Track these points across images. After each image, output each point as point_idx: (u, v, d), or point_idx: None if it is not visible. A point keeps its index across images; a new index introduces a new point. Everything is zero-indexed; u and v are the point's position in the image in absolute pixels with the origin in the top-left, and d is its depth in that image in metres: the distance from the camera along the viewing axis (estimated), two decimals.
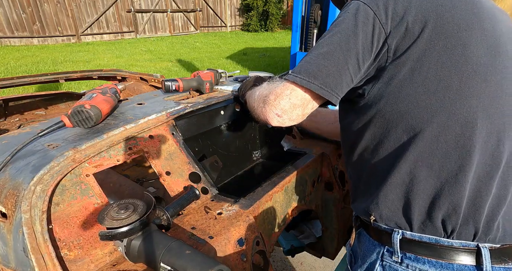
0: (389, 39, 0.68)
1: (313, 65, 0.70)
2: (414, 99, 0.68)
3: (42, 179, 0.71)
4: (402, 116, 0.70)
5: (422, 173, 0.71)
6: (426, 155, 0.70)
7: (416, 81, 0.68)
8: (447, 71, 0.66)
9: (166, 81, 1.25)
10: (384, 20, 0.68)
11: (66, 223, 0.71)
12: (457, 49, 0.66)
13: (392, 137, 0.73)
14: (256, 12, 14.67)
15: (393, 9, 0.68)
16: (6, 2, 8.68)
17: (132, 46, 10.12)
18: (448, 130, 0.67)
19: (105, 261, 0.73)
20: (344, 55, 0.69)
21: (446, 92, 0.66)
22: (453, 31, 0.66)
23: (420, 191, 0.71)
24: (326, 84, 0.69)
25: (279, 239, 1.53)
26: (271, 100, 0.76)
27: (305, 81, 0.70)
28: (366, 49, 0.69)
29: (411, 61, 0.67)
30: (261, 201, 0.97)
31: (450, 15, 0.67)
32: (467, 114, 0.66)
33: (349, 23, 0.69)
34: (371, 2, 0.69)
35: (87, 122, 0.90)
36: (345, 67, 0.69)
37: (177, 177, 0.94)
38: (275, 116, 0.76)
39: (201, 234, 0.80)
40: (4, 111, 1.86)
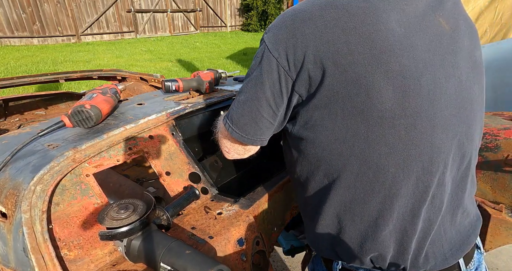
0: (296, 86, 0.67)
1: (235, 113, 0.74)
2: (327, 146, 0.68)
3: (42, 179, 0.71)
4: (320, 161, 0.70)
5: (346, 217, 0.71)
6: (347, 200, 0.70)
7: (327, 128, 0.66)
8: (353, 119, 0.63)
9: (166, 81, 1.25)
10: (287, 68, 0.66)
11: (66, 223, 0.71)
12: (360, 96, 0.62)
13: (316, 179, 0.74)
14: (256, 12, 14.67)
15: (293, 56, 0.64)
16: (6, 2, 8.68)
17: (132, 46, 10.11)
18: (362, 176, 0.67)
19: (105, 261, 0.73)
20: (256, 104, 0.70)
21: (355, 141, 0.64)
22: (353, 78, 0.61)
23: (347, 234, 0.73)
24: (246, 132, 0.73)
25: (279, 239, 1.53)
26: (218, 138, 0.85)
27: (230, 129, 0.75)
28: (277, 95, 0.69)
29: (320, 108, 0.66)
30: (261, 201, 0.97)
31: (347, 62, 0.61)
32: (377, 160, 0.65)
33: (257, 70, 0.69)
34: (273, 48, 0.66)
35: (87, 122, 0.90)
36: (259, 115, 0.71)
37: (177, 177, 0.94)
38: (225, 153, 0.85)
39: (201, 234, 0.80)
40: (4, 111, 1.86)
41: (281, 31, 0.65)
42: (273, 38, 0.66)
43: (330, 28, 0.61)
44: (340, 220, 0.73)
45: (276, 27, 0.67)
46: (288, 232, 1.60)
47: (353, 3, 0.62)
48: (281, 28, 0.65)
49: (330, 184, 0.71)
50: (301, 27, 0.63)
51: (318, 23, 0.62)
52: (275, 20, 0.69)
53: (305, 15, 0.64)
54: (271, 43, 0.66)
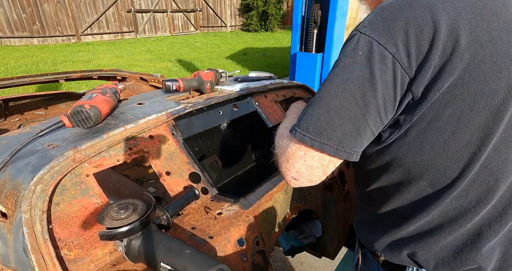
0: (413, 84, 0.56)
1: (324, 122, 0.58)
2: (443, 151, 0.59)
3: (42, 179, 0.71)
4: (427, 168, 0.62)
5: (445, 226, 0.65)
6: (451, 209, 0.63)
7: (445, 131, 0.58)
8: (483, 120, 0.56)
9: (167, 81, 1.25)
10: (406, 64, 0.55)
11: (66, 223, 0.71)
12: (498, 93, 0.55)
13: (414, 188, 0.65)
14: (256, 12, 14.67)
15: (416, 48, 0.54)
16: (6, 2, 8.68)
17: (132, 46, 10.11)
18: (480, 184, 0.61)
19: (105, 261, 0.73)
20: (362, 110, 0.57)
21: (481, 144, 0.58)
22: (492, 71, 0.54)
23: (441, 243, 0.66)
24: (343, 144, 0.58)
25: (279, 239, 1.53)
26: (284, 162, 0.63)
27: (317, 142, 0.58)
28: (389, 100, 0.57)
29: (438, 107, 0.57)
30: (261, 201, 0.97)
31: (486, 52, 0.53)
32: (502, 166, 0.60)
33: (362, 70, 0.56)
34: (388, 41, 0.55)
35: (86, 122, 0.90)
36: (364, 124, 0.58)
37: (177, 177, 0.94)
38: (291, 180, 0.64)
39: (201, 234, 0.80)
40: (4, 111, 1.86)
41: (396, 21, 0.55)
42: (385, 31, 0.55)
43: (465, 12, 0.53)
44: (436, 228, 0.66)
45: (385, 18, 0.56)
46: (288, 232, 1.60)
47: None
48: (396, 17, 0.55)
49: (436, 194, 0.63)
50: (425, 13, 0.54)
51: (447, 8, 0.54)
52: (377, 13, 0.58)
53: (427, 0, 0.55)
54: (383, 36, 0.55)
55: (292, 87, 1.61)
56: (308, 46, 3.59)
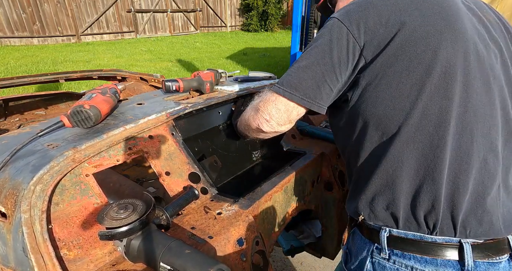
0: (364, 51, 0.74)
1: (294, 77, 0.78)
2: (390, 103, 0.73)
3: (42, 179, 0.71)
4: (380, 119, 0.75)
5: (402, 173, 0.74)
6: (404, 155, 0.73)
7: (391, 86, 0.72)
8: (418, 75, 0.70)
9: (167, 81, 1.25)
10: (357, 35, 0.74)
11: (66, 223, 0.71)
12: (427, 54, 0.70)
13: (373, 139, 0.77)
14: (256, 12, 14.67)
15: (365, 23, 0.73)
16: (6, 2, 8.68)
17: (132, 46, 10.11)
18: (422, 130, 0.71)
19: (105, 261, 0.73)
20: (321, 68, 0.76)
21: (418, 95, 0.70)
22: (422, 37, 0.70)
23: (402, 190, 0.74)
24: (306, 95, 0.77)
25: (279, 239, 1.53)
26: (260, 107, 0.85)
27: (287, 92, 0.78)
28: (343, 62, 0.75)
29: (385, 67, 0.72)
30: (261, 201, 0.97)
31: (418, 23, 0.71)
32: (439, 114, 0.70)
33: (325, 38, 0.76)
34: (345, 18, 0.75)
35: (86, 122, 0.90)
36: (322, 79, 0.76)
37: (177, 177, 0.94)
38: (264, 121, 0.85)
39: (201, 234, 0.80)
40: (4, 111, 1.86)
41: (352, 7, 0.77)
42: (344, 13, 0.77)
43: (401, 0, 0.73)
44: (396, 176, 0.74)
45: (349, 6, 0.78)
46: (288, 232, 1.60)
47: None
48: (352, 6, 0.77)
49: (388, 141, 0.74)
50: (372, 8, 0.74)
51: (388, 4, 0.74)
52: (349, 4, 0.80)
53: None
54: (342, 16, 0.76)
55: None
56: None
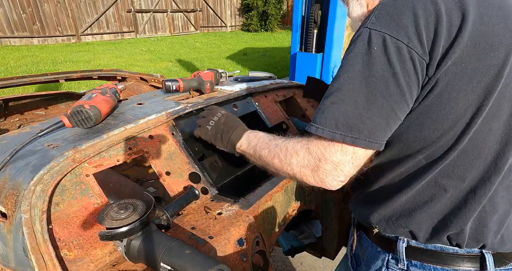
0: (429, 69, 0.61)
1: (353, 118, 0.61)
2: (441, 126, 0.64)
3: (42, 179, 0.71)
4: (426, 143, 0.66)
5: (435, 195, 0.69)
6: (441, 178, 0.68)
7: (445, 107, 0.62)
8: (475, 96, 0.61)
9: (167, 81, 1.25)
10: (421, 51, 0.59)
11: (66, 223, 0.71)
12: (490, 71, 0.60)
13: (410, 162, 0.69)
14: (256, 12, 14.67)
15: (426, 35, 0.59)
16: (6, 2, 8.68)
17: (132, 46, 10.11)
18: (466, 154, 0.65)
19: (105, 261, 0.73)
20: (388, 101, 0.60)
21: (473, 119, 0.62)
22: (486, 50, 0.60)
23: (431, 213, 0.70)
24: (373, 135, 0.62)
25: (279, 239, 1.53)
26: (329, 170, 0.64)
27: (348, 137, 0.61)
28: (413, 86, 0.61)
29: (442, 85, 0.61)
30: (261, 201, 0.97)
31: (480, 33, 0.59)
32: (486, 137, 0.64)
33: (381, 63, 0.60)
34: (399, 33, 0.59)
35: (86, 122, 0.90)
36: (392, 114, 0.62)
37: (177, 177, 0.94)
38: (339, 183, 0.67)
39: (201, 234, 0.80)
40: (4, 111, 1.86)
41: (402, 14, 0.60)
42: (394, 24, 0.60)
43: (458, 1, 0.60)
44: (428, 195, 0.70)
45: (390, 13, 0.61)
46: (288, 232, 1.60)
47: None
48: (401, 11, 0.60)
49: (428, 165, 0.68)
50: (426, 4, 0.59)
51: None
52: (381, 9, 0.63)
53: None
54: (394, 29, 0.60)
55: (292, 87, 1.61)
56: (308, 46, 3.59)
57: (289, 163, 0.71)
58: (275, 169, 0.76)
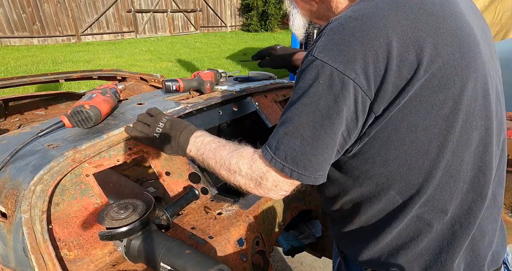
0: (374, 105, 0.59)
1: (299, 153, 0.61)
2: (405, 162, 0.63)
3: (42, 179, 0.71)
4: (394, 178, 0.65)
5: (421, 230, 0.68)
6: (423, 213, 0.66)
7: (404, 142, 0.61)
8: (437, 129, 0.60)
9: (167, 81, 1.25)
10: (366, 87, 0.57)
11: (66, 223, 0.71)
12: (447, 104, 0.59)
13: (384, 198, 0.68)
14: (256, 12, 14.67)
15: (374, 71, 0.56)
16: (6, 2, 8.67)
17: (132, 46, 10.11)
18: (443, 187, 0.64)
19: (105, 261, 0.73)
20: (333, 139, 0.60)
21: (440, 153, 0.61)
22: (441, 84, 0.58)
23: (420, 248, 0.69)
24: (318, 172, 0.63)
25: (279, 239, 1.53)
26: (269, 186, 0.67)
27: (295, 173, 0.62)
28: (351, 121, 0.60)
29: (396, 121, 0.60)
30: (261, 201, 0.97)
31: (436, 66, 0.57)
32: (459, 167, 0.63)
33: (327, 99, 0.58)
34: (346, 67, 0.56)
35: (86, 122, 0.90)
36: (334, 149, 0.62)
37: (177, 178, 0.94)
38: (281, 195, 0.70)
39: (201, 234, 0.80)
40: (4, 111, 1.86)
41: (350, 45, 0.56)
42: (341, 56, 0.57)
43: (411, 31, 0.56)
44: (413, 234, 0.68)
45: (338, 42, 0.57)
46: (288, 232, 1.60)
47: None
48: (349, 42, 0.56)
49: (405, 202, 0.66)
50: (376, 35, 0.56)
51: (395, 27, 0.56)
52: (329, 36, 0.59)
53: (375, 20, 0.57)
54: (341, 62, 0.57)
55: (292, 87, 1.61)
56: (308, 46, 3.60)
57: (234, 176, 0.73)
58: (223, 179, 0.77)
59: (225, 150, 0.76)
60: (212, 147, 0.79)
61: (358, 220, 0.75)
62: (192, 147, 0.83)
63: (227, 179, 0.76)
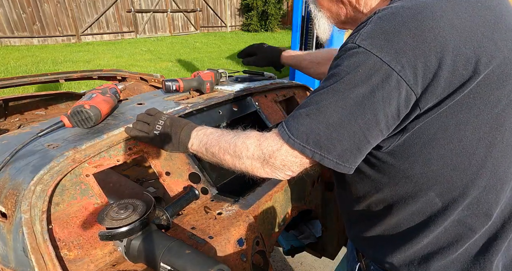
0: (421, 101, 0.54)
1: (324, 137, 0.58)
2: (450, 161, 0.59)
3: (42, 179, 0.71)
4: (436, 179, 0.61)
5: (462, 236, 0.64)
6: (465, 217, 0.63)
7: (451, 140, 0.57)
8: (488, 127, 0.56)
9: (167, 81, 1.25)
10: (412, 81, 0.53)
11: (66, 223, 0.71)
12: (501, 102, 0.55)
13: (421, 200, 0.64)
14: (256, 12, 14.66)
15: (424, 65, 0.52)
16: (6, 2, 8.67)
17: (132, 46, 10.11)
18: (490, 190, 0.61)
19: (105, 261, 0.73)
20: (362, 128, 0.56)
21: (488, 151, 0.58)
22: (499, 80, 0.55)
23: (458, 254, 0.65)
24: (343, 159, 0.59)
25: (279, 239, 1.53)
26: (277, 165, 0.65)
27: (317, 154, 0.59)
28: (391, 116, 0.56)
29: (444, 118, 0.56)
30: (261, 201, 0.97)
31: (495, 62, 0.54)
32: (507, 169, 0.61)
33: (363, 88, 0.54)
34: (392, 58, 0.52)
35: (86, 122, 0.90)
36: (364, 141, 0.58)
37: (177, 178, 0.94)
38: (286, 176, 0.68)
39: (201, 234, 0.80)
40: (4, 111, 1.86)
41: (400, 35, 0.52)
42: (389, 46, 0.53)
43: (470, 25, 0.53)
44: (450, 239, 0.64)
45: (387, 31, 0.53)
46: (288, 232, 1.60)
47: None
48: (400, 31, 0.53)
49: (445, 205, 0.62)
50: (431, 27, 0.52)
51: (453, 20, 0.53)
52: (377, 23, 0.55)
53: (431, 11, 0.53)
54: (387, 53, 0.53)
55: (292, 87, 1.61)
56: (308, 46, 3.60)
57: (239, 157, 0.70)
58: (228, 165, 0.75)
59: (230, 135, 0.74)
60: (216, 136, 0.78)
61: (388, 222, 0.70)
62: (195, 141, 0.82)
63: (232, 165, 0.73)
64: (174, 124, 0.85)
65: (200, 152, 0.82)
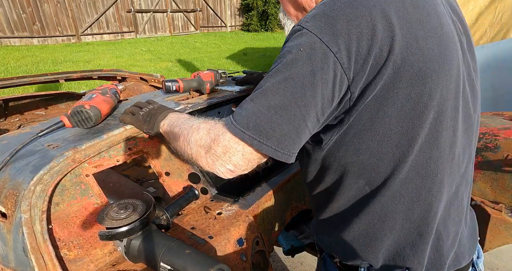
0: (352, 86, 0.57)
1: (264, 121, 0.56)
2: (376, 152, 0.62)
3: (42, 179, 0.71)
4: (364, 168, 0.65)
5: (385, 225, 0.68)
6: (389, 209, 0.66)
7: (377, 133, 0.60)
8: (410, 122, 0.59)
9: (167, 81, 1.25)
10: (346, 65, 0.55)
11: (66, 223, 0.71)
12: (423, 97, 0.58)
13: (354, 187, 0.68)
14: (256, 12, 14.67)
15: (357, 49, 0.54)
16: (6, 2, 8.67)
17: (132, 46, 10.11)
18: (409, 183, 0.64)
19: (105, 261, 0.73)
20: (301, 110, 0.56)
21: (409, 145, 0.61)
22: (419, 77, 0.57)
23: (385, 242, 0.69)
24: (282, 145, 0.57)
25: (279, 239, 1.53)
26: (218, 153, 0.61)
27: (256, 141, 0.57)
28: (327, 100, 0.57)
29: (371, 109, 0.59)
30: (261, 201, 0.97)
31: (415, 58, 0.56)
32: (427, 165, 0.63)
33: (303, 67, 0.55)
34: (330, 40, 0.54)
35: (86, 122, 0.90)
36: (303, 125, 0.57)
37: (177, 178, 0.94)
38: (227, 171, 0.62)
39: (201, 234, 0.80)
40: (4, 111, 1.86)
41: (338, 20, 0.55)
42: (328, 28, 0.55)
43: (397, 18, 0.56)
44: (378, 228, 0.68)
45: (328, 15, 0.56)
46: (288, 232, 1.60)
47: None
48: (338, 16, 0.55)
49: (373, 193, 0.66)
50: (364, 14, 0.55)
51: (384, 10, 0.56)
52: (319, 8, 0.58)
53: (367, 1, 0.56)
54: (327, 34, 0.54)
55: None
56: None
57: (188, 141, 0.67)
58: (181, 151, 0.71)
59: (196, 120, 0.71)
60: (187, 117, 0.76)
61: (330, 208, 0.75)
62: (166, 121, 0.80)
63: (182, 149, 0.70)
64: (160, 108, 0.88)
65: (166, 134, 0.79)
